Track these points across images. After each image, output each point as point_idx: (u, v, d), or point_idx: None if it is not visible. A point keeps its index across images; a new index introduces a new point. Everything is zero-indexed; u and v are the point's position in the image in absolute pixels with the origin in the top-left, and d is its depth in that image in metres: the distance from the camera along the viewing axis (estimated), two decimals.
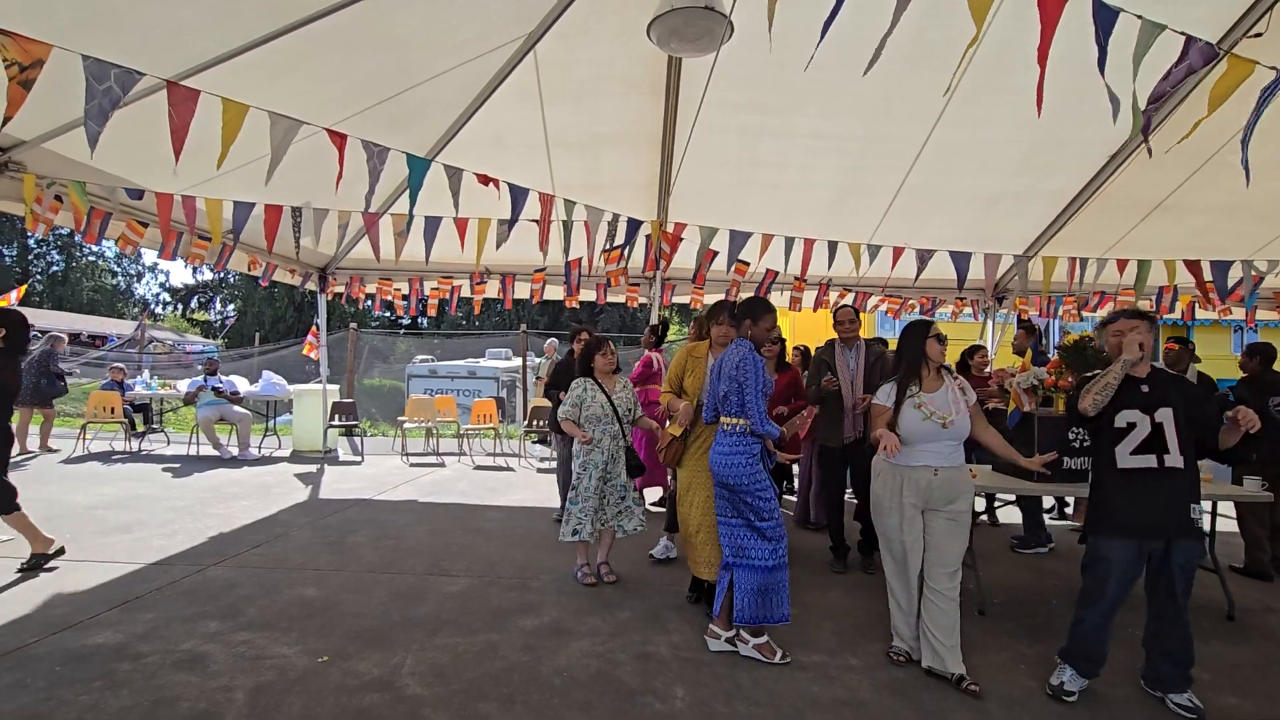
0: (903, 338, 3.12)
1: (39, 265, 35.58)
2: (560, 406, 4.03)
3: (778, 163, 5.66)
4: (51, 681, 2.72)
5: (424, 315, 7.81)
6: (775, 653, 3.06)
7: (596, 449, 3.92)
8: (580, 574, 4.03)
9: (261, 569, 4.18)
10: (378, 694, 2.71)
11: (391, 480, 7.18)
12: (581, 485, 3.91)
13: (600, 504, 3.93)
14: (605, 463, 3.92)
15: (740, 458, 3.05)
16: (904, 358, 3.08)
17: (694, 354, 3.61)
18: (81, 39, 2.84)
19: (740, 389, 3.05)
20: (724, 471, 3.07)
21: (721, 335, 3.49)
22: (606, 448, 3.93)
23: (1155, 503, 2.66)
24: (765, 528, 3.04)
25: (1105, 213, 5.95)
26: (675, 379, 3.63)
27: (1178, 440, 2.67)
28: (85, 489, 6.35)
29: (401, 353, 18.30)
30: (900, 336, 3.14)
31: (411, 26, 4.07)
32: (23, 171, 4.22)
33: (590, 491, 3.89)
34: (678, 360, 3.65)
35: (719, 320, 3.53)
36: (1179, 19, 2.38)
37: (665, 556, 4.49)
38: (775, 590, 3.04)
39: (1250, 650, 3.37)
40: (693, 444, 3.47)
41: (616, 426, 3.96)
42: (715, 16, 3.36)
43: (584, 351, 4.12)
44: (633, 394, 4.15)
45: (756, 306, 3.27)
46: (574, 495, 3.92)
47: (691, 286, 7.16)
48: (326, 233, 4.97)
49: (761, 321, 3.22)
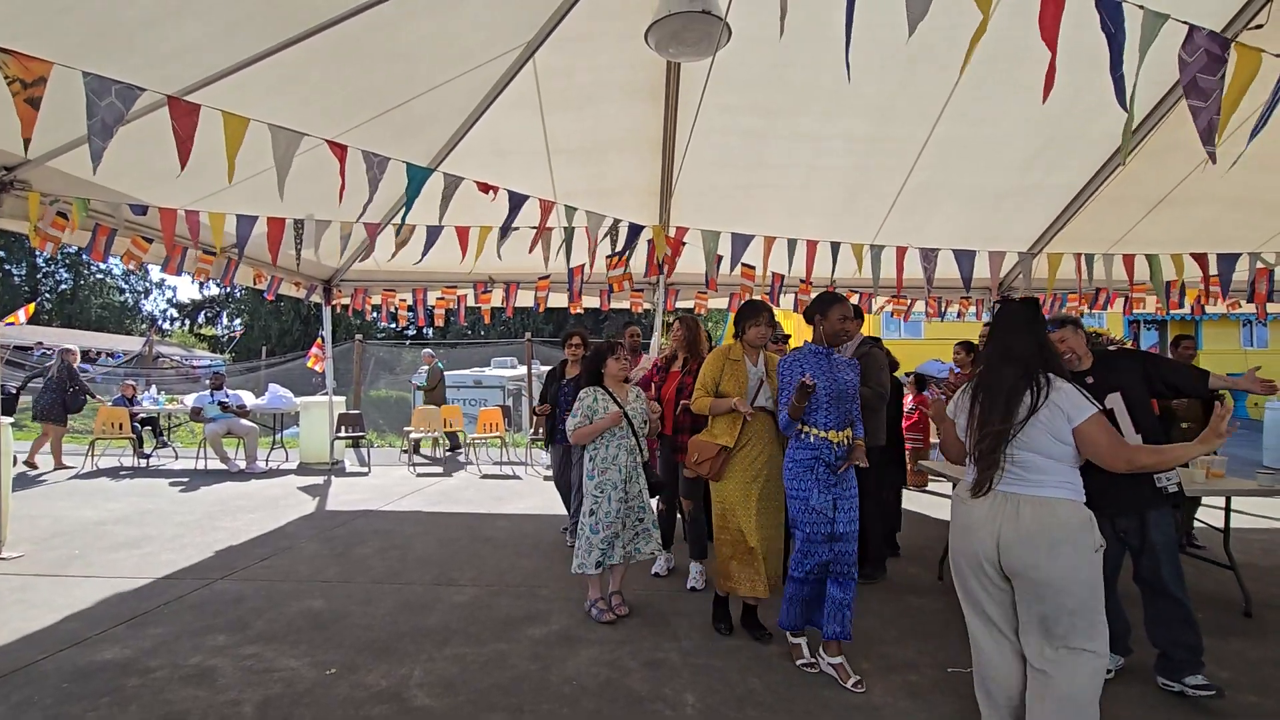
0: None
1: (48, 284, 35.89)
2: (569, 419, 3.61)
3: (779, 165, 5.65)
4: (59, 698, 2.71)
5: (430, 325, 7.83)
6: (849, 676, 2.89)
7: (613, 467, 3.53)
8: (596, 611, 3.58)
9: (269, 582, 4.17)
10: (386, 705, 2.69)
11: (398, 490, 7.17)
12: (601, 510, 3.50)
13: (621, 529, 3.58)
14: (624, 482, 3.54)
15: (790, 461, 3.02)
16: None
17: (731, 356, 3.30)
18: (86, 59, 2.85)
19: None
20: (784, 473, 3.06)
21: (758, 337, 3.27)
22: (624, 465, 3.55)
23: (1119, 479, 2.54)
24: (795, 534, 3.01)
25: (1110, 208, 5.91)
26: (711, 383, 3.26)
27: (1130, 421, 2.75)
28: (94, 504, 6.36)
29: (408, 363, 18.32)
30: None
31: (411, 38, 4.09)
32: (28, 190, 4.25)
33: (613, 516, 3.50)
34: (714, 364, 3.29)
35: (758, 322, 3.27)
36: (1182, 9, 2.36)
37: (694, 586, 4.05)
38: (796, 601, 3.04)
39: (1269, 647, 3.31)
40: (736, 454, 3.21)
41: (633, 440, 3.59)
42: (712, 20, 3.36)
43: (593, 356, 3.71)
44: (645, 403, 3.78)
45: (818, 303, 3.07)
46: (594, 522, 3.50)
47: (697, 291, 7.16)
48: (330, 245, 4.99)
49: (830, 314, 3.02)
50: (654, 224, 5.75)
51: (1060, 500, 2.10)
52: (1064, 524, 2.07)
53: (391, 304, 7.96)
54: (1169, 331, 16.70)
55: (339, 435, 8.83)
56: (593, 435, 3.54)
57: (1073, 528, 2.07)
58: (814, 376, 2.86)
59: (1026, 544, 2.08)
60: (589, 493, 3.56)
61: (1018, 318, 2.29)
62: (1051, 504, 2.09)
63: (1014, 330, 2.26)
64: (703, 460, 3.20)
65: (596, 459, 3.56)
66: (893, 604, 3.82)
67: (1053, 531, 2.06)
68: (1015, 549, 2.10)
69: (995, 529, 2.14)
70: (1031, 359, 2.18)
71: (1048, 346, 2.23)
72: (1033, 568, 2.08)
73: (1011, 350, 2.22)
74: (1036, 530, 2.07)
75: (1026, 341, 2.22)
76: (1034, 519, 2.09)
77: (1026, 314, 2.29)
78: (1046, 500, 2.10)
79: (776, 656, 3.11)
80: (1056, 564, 2.05)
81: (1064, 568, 2.05)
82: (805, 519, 2.91)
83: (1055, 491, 2.11)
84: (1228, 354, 18.15)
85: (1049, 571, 2.05)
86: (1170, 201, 5.76)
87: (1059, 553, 2.05)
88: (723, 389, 3.22)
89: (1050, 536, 2.06)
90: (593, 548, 3.48)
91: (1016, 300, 2.33)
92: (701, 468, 3.21)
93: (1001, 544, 2.13)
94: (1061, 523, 2.07)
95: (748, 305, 3.36)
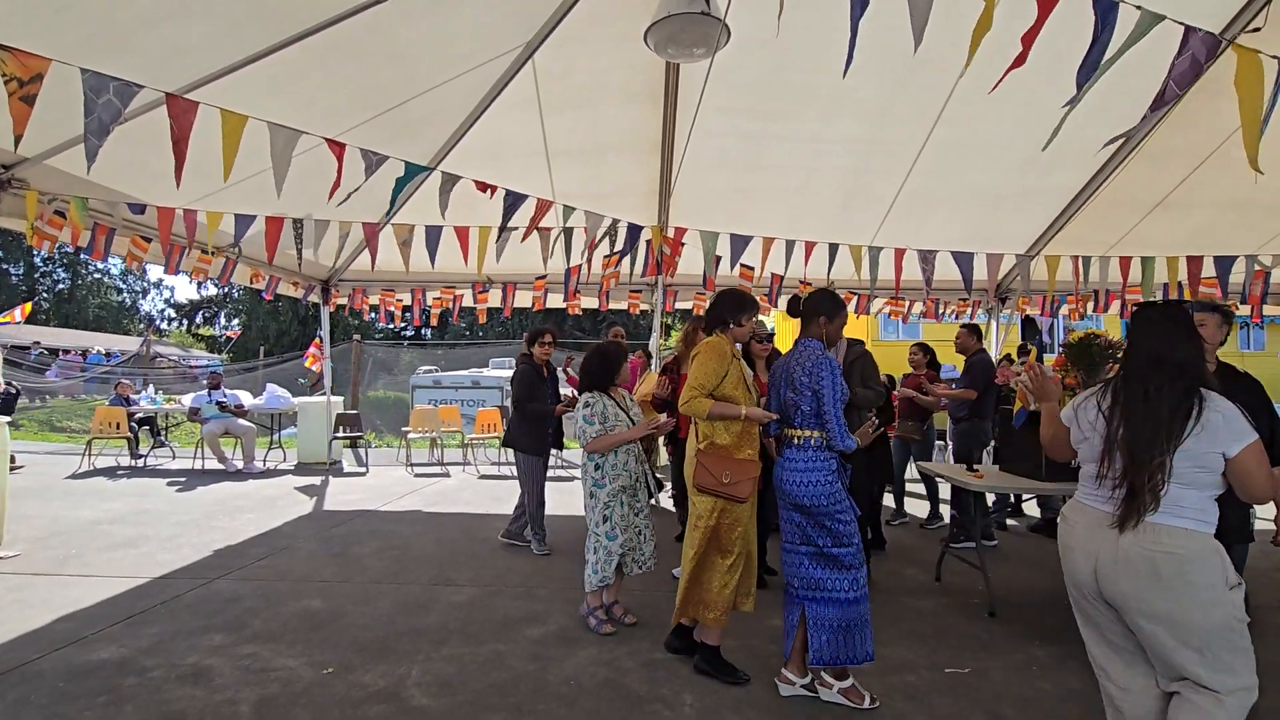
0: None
1: (45, 283, 35.85)
2: (588, 426, 3.40)
3: (778, 166, 5.66)
4: (55, 698, 2.70)
5: (427, 326, 7.80)
6: (864, 697, 2.69)
7: (625, 473, 3.43)
8: (595, 621, 3.46)
9: (266, 581, 4.16)
10: (383, 705, 2.68)
11: (396, 491, 7.16)
12: (615, 516, 3.41)
13: (635, 536, 3.50)
14: (633, 488, 3.48)
15: (818, 474, 2.67)
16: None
17: (730, 353, 2.97)
18: (84, 58, 2.85)
19: (817, 396, 2.67)
20: (799, 492, 2.68)
21: (748, 333, 3.07)
22: (633, 471, 3.47)
23: (1224, 508, 2.25)
24: (843, 555, 2.66)
25: (1108, 210, 5.93)
26: (710, 383, 2.85)
27: None
28: (90, 504, 6.34)
29: (406, 364, 18.32)
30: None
31: (409, 38, 4.09)
32: (25, 188, 4.24)
33: (627, 524, 3.43)
34: (716, 361, 2.87)
35: (754, 315, 3.05)
36: (1179, 10, 2.36)
37: None
38: (858, 626, 2.67)
39: (1269, 648, 3.30)
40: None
41: (638, 446, 3.54)
42: (711, 22, 3.37)
43: (603, 359, 3.56)
44: (638, 409, 3.72)
45: (825, 300, 2.86)
46: (609, 529, 3.39)
47: (696, 292, 7.16)
48: (328, 244, 4.98)
49: (837, 318, 2.83)
50: (653, 225, 5.76)
51: (1175, 529, 1.80)
52: (1179, 554, 1.78)
53: (390, 303, 7.96)
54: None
55: (337, 435, 8.82)
56: (615, 445, 3.39)
57: (1191, 559, 1.77)
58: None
59: (1125, 570, 1.82)
60: (601, 501, 3.41)
61: (1176, 322, 1.93)
62: (1166, 531, 1.80)
63: (1171, 337, 1.90)
64: (740, 480, 2.81)
65: (605, 467, 3.43)
66: (890, 606, 3.82)
67: (1162, 563, 1.78)
68: (1113, 578, 1.85)
69: (1093, 551, 1.90)
70: (1191, 369, 1.85)
71: (1204, 358, 1.90)
72: (1133, 597, 1.82)
73: (1169, 361, 1.87)
74: (1138, 557, 1.80)
75: (1189, 351, 1.88)
76: (1134, 542, 1.81)
77: (1185, 318, 1.95)
78: (1155, 525, 1.81)
79: (774, 657, 3.10)
80: (1169, 601, 1.78)
81: (1179, 605, 1.77)
82: (849, 530, 2.70)
83: (1177, 521, 1.80)
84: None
85: (1157, 606, 1.79)
86: (1167, 205, 5.78)
87: (1170, 588, 1.77)
88: (725, 392, 2.84)
89: (1157, 567, 1.78)
90: (612, 556, 3.37)
91: (1169, 303, 2.02)
92: (739, 489, 2.80)
93: (1099, 572, 1.88)
94: (1172, 552, 1.78)
95: (740, 295, 3.04)
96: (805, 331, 2.85)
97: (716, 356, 2.86)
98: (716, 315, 3.01)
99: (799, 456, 2.72)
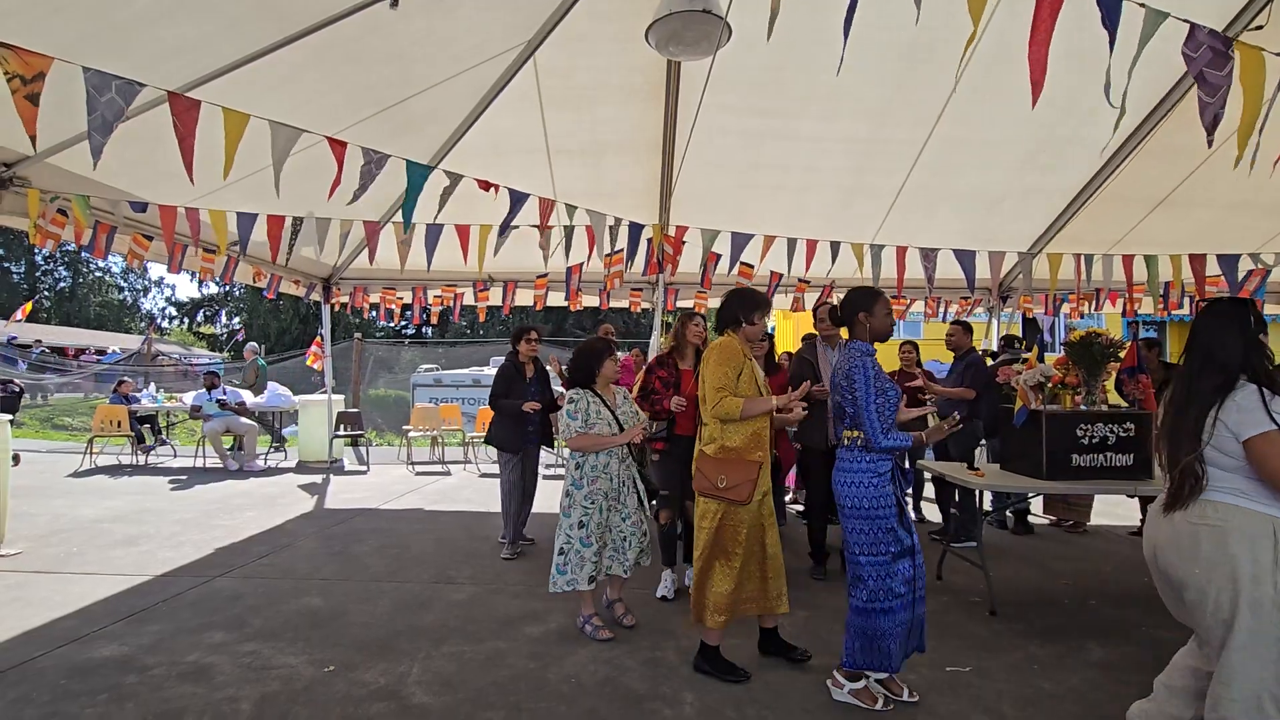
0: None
1: (47, 282, 35.87)
2: (570, 421, 3.32)
3: (779, 165, 5.66)
4: (56, 695, 2.71)
5: (428, 324, 7.79)
6: (877, 699, 2.65)
7: (604, 475, 3.32)
8: (590, 628, 3.35)
9: (267, 579, 4.17)
10: (384, 703, 2.68)
11: (397, 489, 7.17)
12: (592, 522, 3.27)
13: (621, 542, 3.39)
14: (616, 491, 3.36)
15: (860, 475, 2.63)
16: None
17: (742, 351, 2.94)
18: (85, 57, 2.85)
19: (854, 397, 2.63)
20: (839, 491, 2.69)
21: (761, 331, 3.03)
22: (616, 473, 3.34)
23: None
24: (861, 563, 2.63)
25: (1110, 209, 5.92)
26: (730, 382, 2.81)
27: None
28: (92, 502, 6.35)
29: (407, 362, 18.32)
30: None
31: (410, 37, 4.08)
32: (27, 186, 4.24)
33: (604, 527, 3.32)
34: (732, 361, 2.84)
35: (766, 312, 3.02)
36: (1182, 9, 2.36)
37: (664, 596, 3.89)
38: (877, 637, 2.61)
39: None
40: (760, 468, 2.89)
41: (624, 447, 3.42)
42: (713, 20, 3.37)
43: (586, 355, 3.45)
44: (634, 406, 3.58)
45: (860, 297, 2.77)
46: (584, 535, 3.26)
47: (696, 290, 7.15)
48: (330, 243, 4.98)
49: (876, 309, 2.73)
50: (653, 223, 5.75)
51: (1220, 504, 1.86)
52: (1221, 527, 1.84)
53: (390, 301, 7.96)
54: (1168, 333, 16.69)
55: (338, 434, 8.82)
56: (597, 447, 3.30)
57: (1232, 533, 1.82)
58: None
59: (1173, 547, 1.93)
60: (577, 503, 3.30)
61: (1225, 317, 1.99)
62: (1211, 505, 1.87)
63: (1220, 331, 1.96)
64: (739, 483, 2.77)
65: (585, 467, 3.32)
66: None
67: (1204, 535, 1.85)
68: (1165, 554, 1.95)
69: (1153, 535, 2.01)
70: (1232, 363, 1.91)
71: (1259, 351, 1.93)
72: (1177, 568, 1.91)
73: (1214, 356, 1.94)
74: (1185, 532, 1.90)
75: (1234, 344, 1.93)
76: (1184, 518, 1.91)
77: (1238, 312, 1.99)
78: (1203, 500, 1.89)
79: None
80: (1201, 571, 1.85)
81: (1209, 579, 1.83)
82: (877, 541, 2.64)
83: (1223, 496, 1.87)
84: None
85: (1188, 576, 1.88)
86: (1170, 203, 5.77)
87: (1210, 560, 1.83)
88: (740, 391, 2.83)
89: (1199, 539, 1.86)
90: (585, 561, 3.25)
91: (1225, 299, 2.10)
92: (737, 492, 2.77)
93: (1156, 553, 2.00)
94: (1215, 525, 1.85)
95: (753, 294, 3.02)
96: (852, 334, 2.82)
97: (731, 359, 2.85)
98: (729, 314, 2.98)
99: (846, 456, 2.73)
